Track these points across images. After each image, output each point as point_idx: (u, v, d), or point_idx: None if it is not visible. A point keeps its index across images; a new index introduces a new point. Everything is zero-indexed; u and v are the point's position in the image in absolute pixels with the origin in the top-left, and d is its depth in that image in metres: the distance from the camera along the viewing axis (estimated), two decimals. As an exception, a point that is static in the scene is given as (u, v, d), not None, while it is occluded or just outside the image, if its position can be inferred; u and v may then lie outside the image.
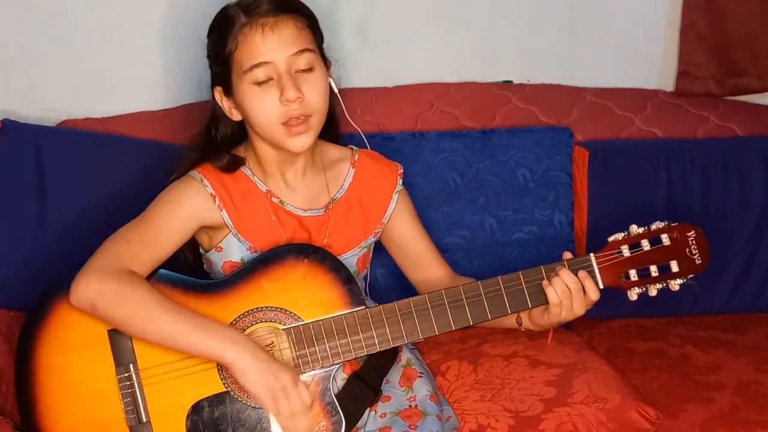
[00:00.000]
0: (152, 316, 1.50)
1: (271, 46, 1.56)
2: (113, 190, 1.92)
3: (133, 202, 1.68)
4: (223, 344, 1.48)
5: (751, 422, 1.73)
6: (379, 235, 1.77)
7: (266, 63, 1.56)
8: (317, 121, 1.61)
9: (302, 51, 1.58)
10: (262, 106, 1.58)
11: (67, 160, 1.92)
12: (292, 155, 1.66)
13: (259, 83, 1.57)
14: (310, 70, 1.59)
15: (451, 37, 2.26)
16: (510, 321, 1.70)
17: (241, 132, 1.70)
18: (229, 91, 1.63)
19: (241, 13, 1.58)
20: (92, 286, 1.51)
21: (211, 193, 1.64)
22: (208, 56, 1.65)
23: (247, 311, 1.57)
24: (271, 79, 1.57)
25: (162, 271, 1.59)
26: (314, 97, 1.59)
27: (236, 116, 1.65)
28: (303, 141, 1.60)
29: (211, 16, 1.64)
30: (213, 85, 1.66)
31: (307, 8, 1.63)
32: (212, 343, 1.49)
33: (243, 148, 1.71)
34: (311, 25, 1.62)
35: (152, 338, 1.52)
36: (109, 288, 1.51)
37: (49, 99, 2.11)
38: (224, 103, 1.65)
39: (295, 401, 1.49)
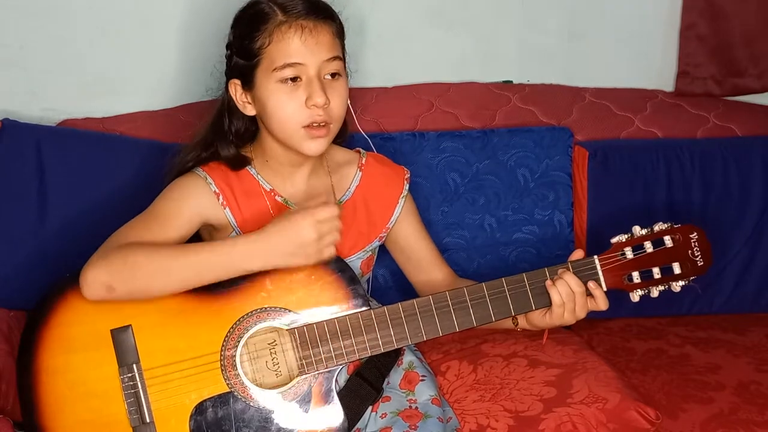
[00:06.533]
0: (167, 268, 1.51)
1: (307, 48, 1.57)
2: (113, 189, 1.92)
3: (133, 202, 1.68)
4: (246, 259, 1.51)
5: (751, 422, 1.73)
6: (384, 239, 1.78)
7: (299, 64, 1.57)
8: (335, 129, 1.63)
9: (334, 58, 1.60)
10: (286, 106, 1.59)
11: (67, 160, 1.92)
12: (301, 157, 1.66)
13: (287, 82, 1.58)
14: (337, 78, 1.61)
15: (451, 37, 2.26)
16: (506, 322, 1.70)
17: (249, 130, 1.70)
18: (248, 86, 1.62)
19: (278, 11, 1.58)
20: (101, 270, 1.51)
21: (215, 191, 1.65)
22: (229, 46, 1.65)
23: (251, 312, 1.56)
24: (298, 79, 1.58)
25: None
26: (338, 105, 1.61)
27: (250, 111, 1.65)
28: (319, 145, 1.61)
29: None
30: (229, 77, 1.65)
31: (338, 17, 1.64)
32: (234, 265, 1.52)
33: (250, 148, 1.71)
34: (341, 34, 1.64)
35: (177, 289, 1.53)
36: (116, 264, 1.51)
37: (49, 99, 2.11)
38: (239, 97, 1.65)
39: (317, 226, 1.50)
